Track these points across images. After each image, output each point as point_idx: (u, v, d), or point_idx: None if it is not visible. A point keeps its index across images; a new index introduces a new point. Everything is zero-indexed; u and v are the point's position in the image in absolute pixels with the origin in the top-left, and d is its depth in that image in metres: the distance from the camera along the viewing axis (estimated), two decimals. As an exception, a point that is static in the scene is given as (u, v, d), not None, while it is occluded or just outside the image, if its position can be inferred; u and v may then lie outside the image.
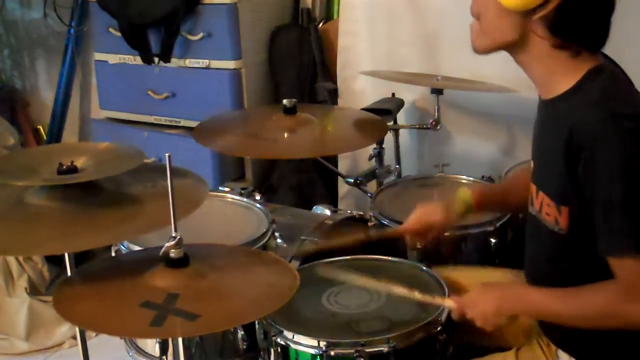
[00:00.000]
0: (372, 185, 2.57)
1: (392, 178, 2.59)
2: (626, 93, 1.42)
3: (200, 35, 2.86)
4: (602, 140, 1.33)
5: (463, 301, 1.60)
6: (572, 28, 1.40)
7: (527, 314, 1.58)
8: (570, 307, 1.45)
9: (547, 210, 1.48)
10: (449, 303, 1.63)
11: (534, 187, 1.55)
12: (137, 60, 3.00)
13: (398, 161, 2.67)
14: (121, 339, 2.03)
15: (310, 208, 2.50)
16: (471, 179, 2.40)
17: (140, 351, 2.00)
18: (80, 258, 2.11)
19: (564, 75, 1.43)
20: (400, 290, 1.68)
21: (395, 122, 2.66)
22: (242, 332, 1.86)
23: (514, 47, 1.47)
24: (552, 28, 1.40)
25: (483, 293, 1.58)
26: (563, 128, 1.39)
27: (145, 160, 1.71)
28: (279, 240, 2.07)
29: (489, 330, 1.56)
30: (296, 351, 1.63)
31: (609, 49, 1.48)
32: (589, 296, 1.43)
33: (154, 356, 1.95)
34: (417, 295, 1.66)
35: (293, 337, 1.63)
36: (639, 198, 1.33)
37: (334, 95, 2.98)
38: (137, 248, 1.95)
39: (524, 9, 1.40)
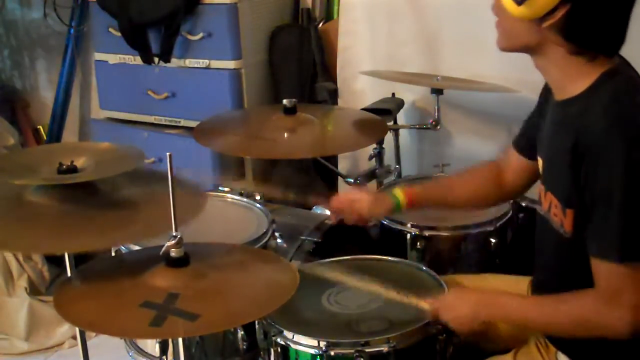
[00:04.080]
0: (372, 185, 2.57)
1: (392, 178, 2.59)
2: (638, 98, 1.41)
3: (200, 35, 2.86)
4: (606, 145, 1.33)
5: (438, 304, 1.60)
6: (585, 34, 1.39)
7: (503, 320, 1.58)
8: (546, 315, 1.45)
9: (554, 211, 1.49)
10: (423, 305, 1.63)
11: (542, 188, 1.55)
12: (137, 60, 3.00)
13: (398, 161, 2.67)
14: (121, 339, 2.03)
15: (310, 208, 2.50)
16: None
17: (140, 351, 2.00)
18: (80, 258, 2.11)
19: (579, 77, 1.43)
20: (377, 288, 1.69)
21: (395, 122, 2.66)
22: (242, 332, 1.86)
23: (532, 51, 1.47)
24: (565, 35, 1.40)
25: (460, 297, 1.59)
26: (571, 130, 1.39)
27: (146, 161, 1.71)
28: (279, 240, 2.07)
29: (463, 334, 1.56)
30: (296, 351, 1.63)
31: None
32: (566, 304, 1.43)
33: (154, 356, 1.95)
34: (392, 294, 1.66)
35: (293, 337, 1.63)
36: (635, 206, 1.33)
37: (334, 95, 2.98)
38: (137, 248, 1.95)
39: (531, 17, 1.40)
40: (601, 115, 1.36)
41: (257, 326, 1.72)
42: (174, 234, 1.47)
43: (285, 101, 2.14)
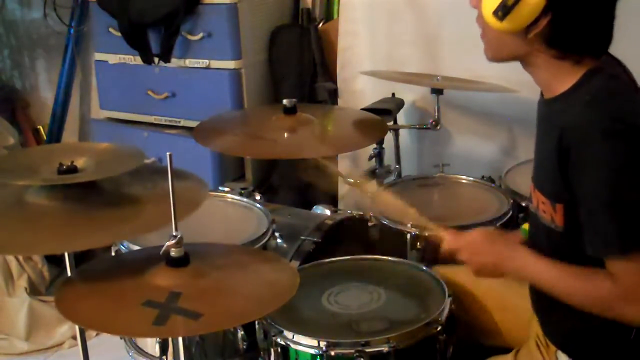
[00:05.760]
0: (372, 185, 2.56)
1: (392, 178, 2.59)
2: (621, 95, 1.42)
3: (200, 35, 2.86)
4: (589, 142, 1.35)
5: (462, 242, 1.61)
6: (570, 39, 1.41)
7: (523, 279, 1.59)
8: (565, 286, 1.44)
9: (543, 208, 1.50)
10: (443, 234, 1.64)
11: (532, 185, 1.56)
12: (137, 60, 3.00)
13: (398, 161, 2.67)
14: (121, 338, 2.03)
15: (310, 208, 2.50)
16: (471, 179, 2.40)
17: (140, 351, 2.00)
18: (80, 258, 2.11)
19: (565, 77, 1.45)
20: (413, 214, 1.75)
21: (395, 122, 2.66)
22: (242, 332, 1.86)
23: (520, 60, 1.49)
24: (550, 42, 1.42)
25: (488, 244, 1.59)
26: (556, 128, 1.41)
27: (145, 161, 1.71)
28: (279, 240, 2.07)
29: (476, 276, 1.58)
30: (296, 351, 1.63)
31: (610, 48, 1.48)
32: (586, 284, 1.42)
33: (154, 356, 1.95)
34: (412, 213, 1.71)
35: (293, 337, 1.63)
36: (624, 200, 1.34)
37: (334, 95, 2.98)
38: (137, 248, 1.95)
39: (516, 30, 1.42)
40: (582, 112, 1.38)
41: (257, 326, 1.72)
42: (174, 234, 1.47)
43: (285, 101, 2.14)
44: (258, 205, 2.21)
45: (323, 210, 2.42)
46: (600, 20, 1.42)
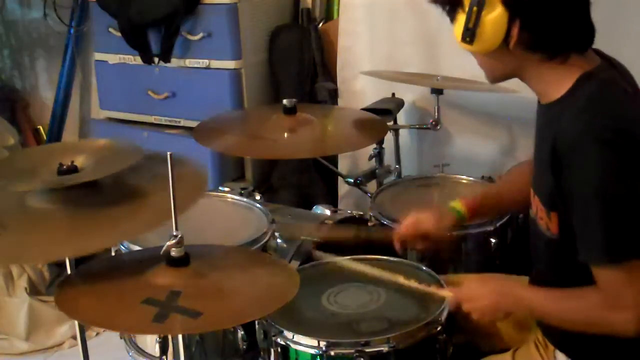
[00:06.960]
0: (372, 185, 2.57)
1: (392, 178, 2.59)
2: (614, 101, 1.41)
3: (200, 35, 2.87)
4: (580, 151, 1.34)
5: (461, 294, 1.60)
6: (550, 36, 1.41)
7: (522, 311, 1.60)
8: (559, 311, 1.46)
9: (540, 214, 1.50)
10: (445, 293, 1.64)
11: (532, 191, 1.55)
12: (137, 60, 3.00)
13: (398, 161, 2.67)
14: (121, 338, 2.03)
15: (310, 208, 2.50)
16: (471, 178, 2.40)
17: (140, 351, 2.00)
18: (80, 258, 2.11)
19: (558, 82, 1.44)
20: (398, 278, 1.70)
21: (395, 122, 2.66)
22: (242, 332, 1.86)
23: (515, 76, 1.50)
24: (533, 46, 1.41)
25: (481, 287, 1.59)
26: (550, 135, 1.41)
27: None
28: (279, 240, 2.07)
29: (484, 323, 1.58)
30: (296, 351, 1.63)
31: (609, 49, 1.48)
32: (575, 302, 1.43)
33: (153, 356, 1.95)
34: (413, 283, 1.68)
35: (293, 337, 1.63)
36: (613, 209, 1.34)
37: (334, 95, 2.98)
38: (137, 248, 1.95)
39: (492, 48, 1.42)
40: (575, 119, 1.37)
41: (257, 326, 1.72)
42: (174, 233, 1.47)
43: (285, 101, 2.14)
44: (258, 205, 2.21)
45: (323, 210, 2.42)
46: (571, 12, 1.41)
